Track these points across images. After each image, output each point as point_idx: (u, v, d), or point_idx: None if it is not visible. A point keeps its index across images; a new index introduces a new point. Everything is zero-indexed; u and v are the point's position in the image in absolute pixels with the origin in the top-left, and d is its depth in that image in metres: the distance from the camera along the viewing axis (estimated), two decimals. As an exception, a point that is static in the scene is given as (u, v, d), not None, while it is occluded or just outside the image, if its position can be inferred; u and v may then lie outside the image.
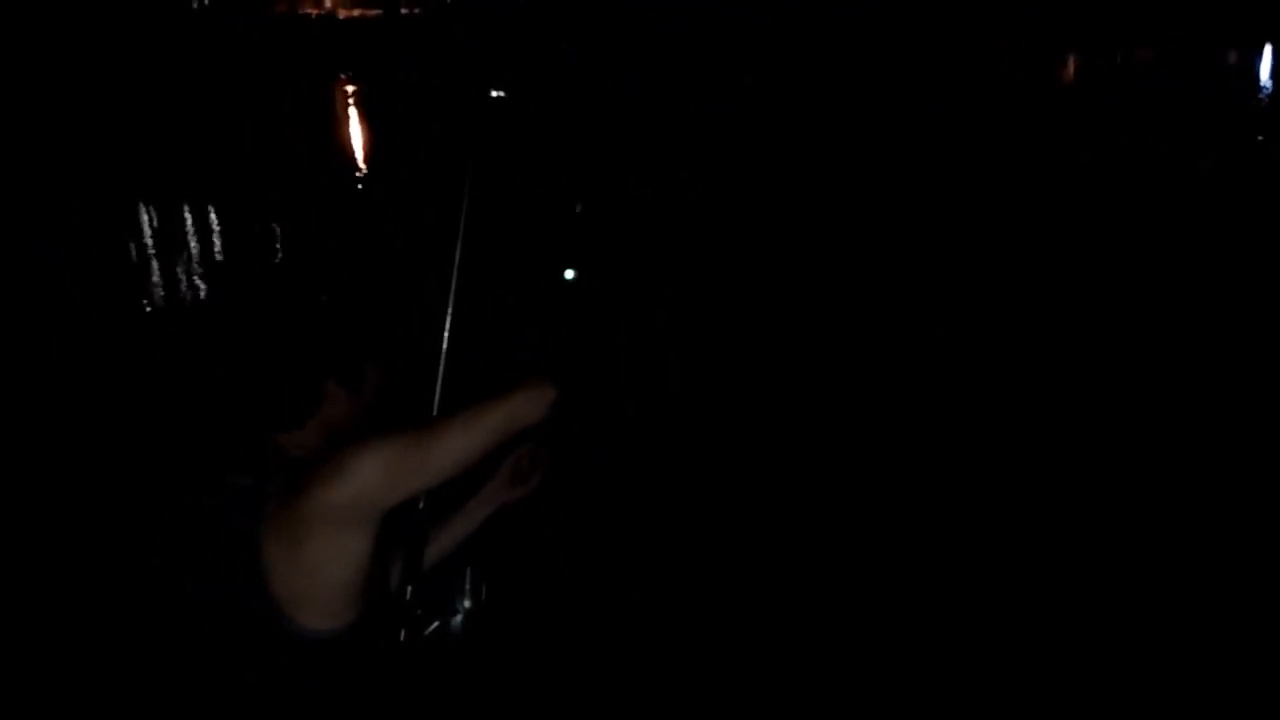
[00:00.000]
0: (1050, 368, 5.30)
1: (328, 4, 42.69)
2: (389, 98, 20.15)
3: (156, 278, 7.70)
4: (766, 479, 4.17)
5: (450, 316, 1.52)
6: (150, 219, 9.54)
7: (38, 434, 4.67)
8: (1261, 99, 16.94)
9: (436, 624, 1.54)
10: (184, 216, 9.54)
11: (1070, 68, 24.05)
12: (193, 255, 8.19)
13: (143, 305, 6.94)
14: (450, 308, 1.52)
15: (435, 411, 1.47)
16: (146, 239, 8.80)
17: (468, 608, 1.56)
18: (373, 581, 1.39)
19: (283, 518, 1.30)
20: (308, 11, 40.48)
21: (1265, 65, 21.97)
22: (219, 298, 7.03)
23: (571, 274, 1.54)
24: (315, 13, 40.62)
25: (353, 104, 19.58)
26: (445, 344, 1.52)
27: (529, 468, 1.77)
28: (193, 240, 8.64)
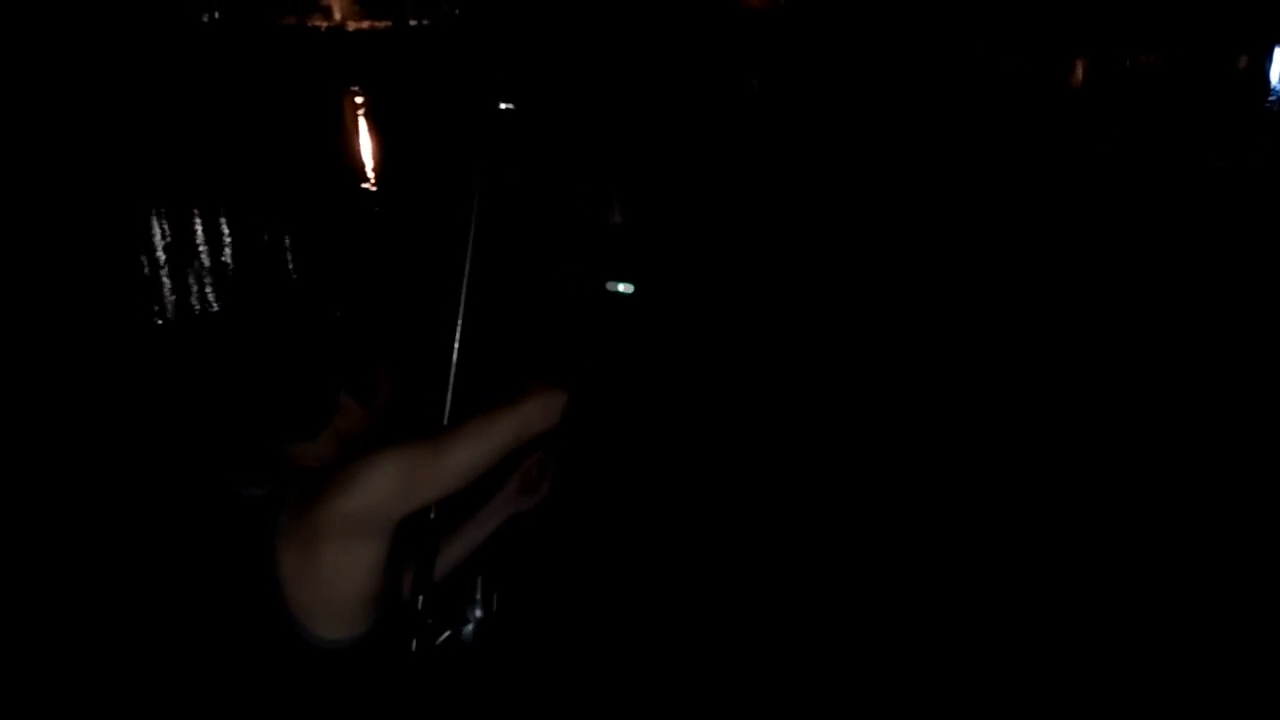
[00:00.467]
0: (1057, 370, 5.28)
1: (337, 16, 42.96)
2: (398, 110, 20.22)
3: (168, 289, 7.74)
4: (767, 480, 4.16)
5: (460, 326, 1.53)
6: (162, 230, 9.60)
7: (51, 444, 4.70)
8: (1272, 102, 16.89)
9: (448, 633, 1.54)
10: (195, 228, 9.60)
11: (1079, 72, 24.00)
12: (204, 266, 8.23)
13: (155, 316, 6.98)
14: (460, 318, 1.53)
15: (446, 421, 1.48)
16: (159, 250, 8.85)
17: (479, 617, 1.56)
18: (387, 591, 1.39)
19: (297, 528, 1.30)
20: (317, 24, 40.75)
21: (1275, 69, 21.90)
22: (231, 309, 7.07)
23: (626, 287, 1.50)
24: (324, 25, 40.89)
25: (362, 116, 19.67)
26: (456, 354, 1.53)
27: (538, 476, 1.77)
28: (204, 251, 8.69)
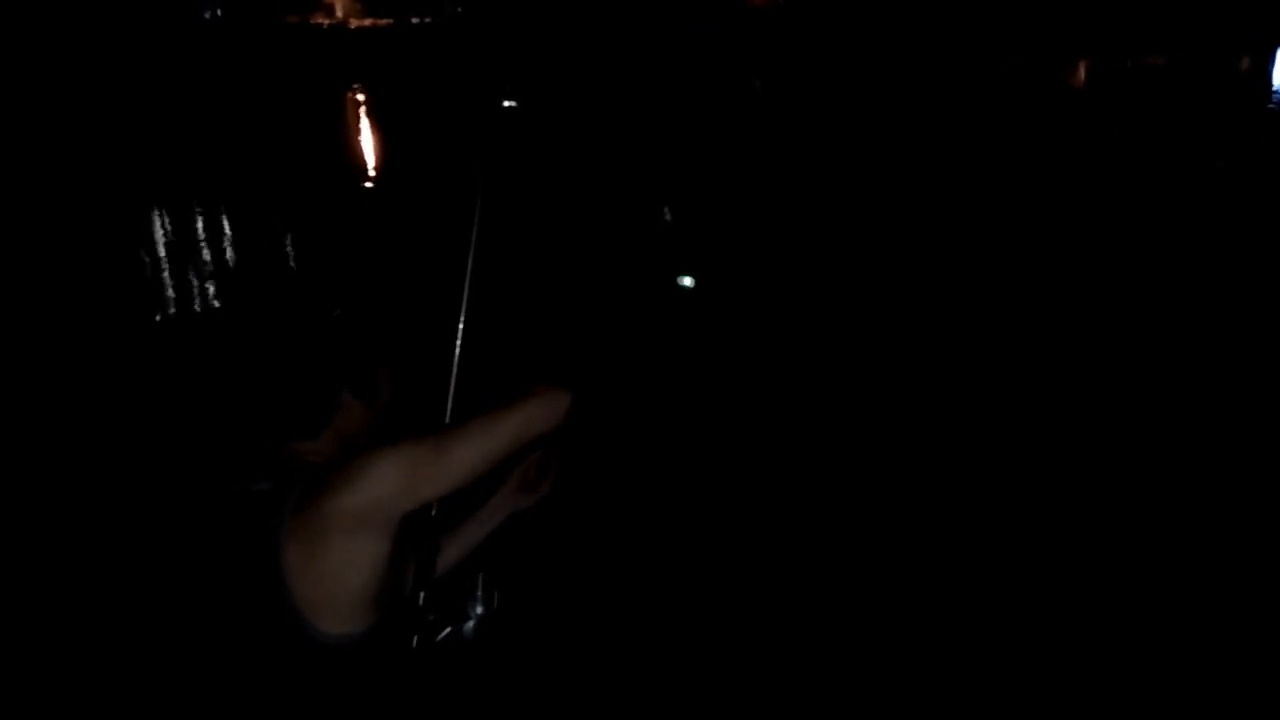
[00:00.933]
0: (1058, 369, 5.28)
1: (339, 14, 42.92)
2: (400, 107, 20.22)
3: (170, 287, 7.75)
4: (768, 481, 4.17)
5: (463, 325, 1.54)
6: (164, 228, 9.60)
7: (54, 443, 4.70)
8: (1274, 104, 16.87)
9: (449, 630, 1.55)
10: (197, 225, 9.60)
11: (1080, 73, 23.98)
12: (206, 264, 8.23)
13: (156, 314, 6.98)
14: (463, 317, 1.54)
15: (448, 419, 1.49)
16: (160, 248, 8.85)
17: (480, 614, 1.57)
18: (389, 587, 1.40)
19: (301, 523, 1.31)
20: (319, 21, 40.71)
21: (1277, 70, 21.88)
22: (233, 306, 7.08)
23: (690, 281, 1.51)
24: (327, 23, 40.85)
25: (364, 113, 19.66)
26: (457, 353, 1.54)
27: (539, 475, 1.78)
28: (205, 249, 8.69)
